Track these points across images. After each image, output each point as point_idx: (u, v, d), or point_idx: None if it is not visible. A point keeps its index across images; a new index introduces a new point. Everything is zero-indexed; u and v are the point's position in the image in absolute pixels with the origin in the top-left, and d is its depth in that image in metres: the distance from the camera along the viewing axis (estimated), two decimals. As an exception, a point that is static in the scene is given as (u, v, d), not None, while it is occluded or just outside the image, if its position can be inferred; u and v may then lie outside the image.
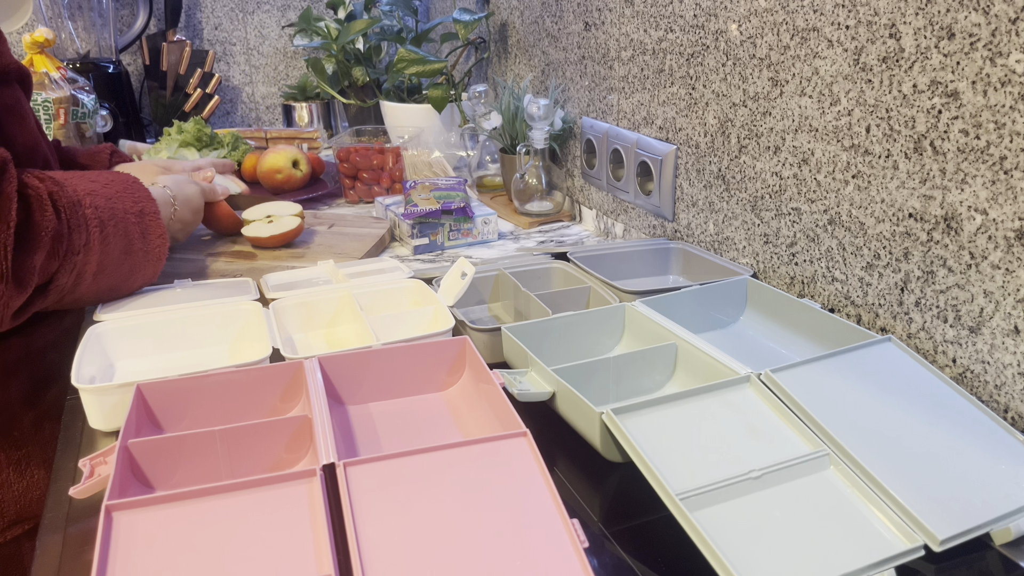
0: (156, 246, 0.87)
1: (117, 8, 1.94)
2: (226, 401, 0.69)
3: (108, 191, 0.83)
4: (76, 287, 0.80)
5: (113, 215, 0.81)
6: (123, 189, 0.85)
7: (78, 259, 0.77)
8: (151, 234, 0.87)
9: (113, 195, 0.83)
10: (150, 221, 0.87)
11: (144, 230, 0.86)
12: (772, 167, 0.89)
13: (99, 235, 0.79)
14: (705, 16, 0.96)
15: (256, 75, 2.12)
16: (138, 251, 0.85)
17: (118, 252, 0.82)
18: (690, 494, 0.54)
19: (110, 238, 0.80)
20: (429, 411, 0.73)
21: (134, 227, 0.84)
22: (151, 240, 0.87)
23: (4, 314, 0.73)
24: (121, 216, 0.83)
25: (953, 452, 0.60)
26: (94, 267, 0.80)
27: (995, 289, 0.66)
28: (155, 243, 0.87)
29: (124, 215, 0.83)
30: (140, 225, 0.85)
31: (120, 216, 0.82)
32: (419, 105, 1.62)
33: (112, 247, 0.81)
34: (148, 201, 0.87)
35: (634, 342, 0.81)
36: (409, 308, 0.91)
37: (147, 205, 0.87)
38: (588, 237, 1.29)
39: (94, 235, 0.79)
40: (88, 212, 0.78)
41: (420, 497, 0.54)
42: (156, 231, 0.87)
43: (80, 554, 0.57)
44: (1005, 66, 0.62)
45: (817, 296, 0.86)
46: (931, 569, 0.54)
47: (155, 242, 0.87)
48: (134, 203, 0.85)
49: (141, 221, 0.85)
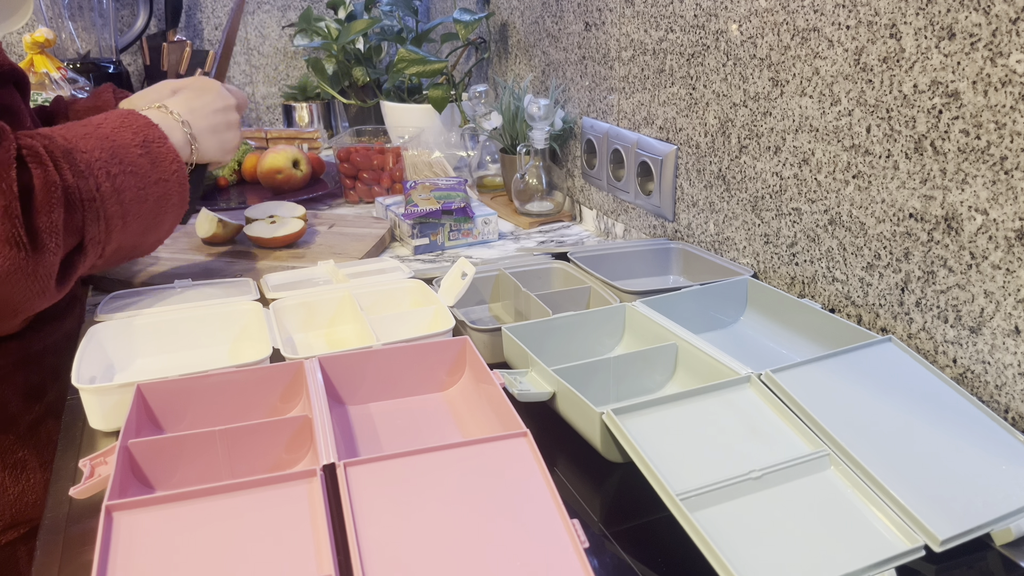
0: (173, 171, 0.82)
1: (117, 8, 1.94)
2: (226, 401, 0.70)
3: (102, 131, 0.78)
4: (109, 236, 0.77)
5: (114, 153, 0.77)
6: (117, 124, 0.80)
7: (97, 205, 0.74)
8: (162, 160, 0.82)
9: (108, 134, 0.78)
10: (157, 148, 0.82)
11: (153, 159, 0.81)
12: (772, 167, 0.89)
13: (106, 175, 0.76)
14: (705, 16, 0.96)
15: (256, 75, 2.12)
16: (154, 182, 0.81)
17: (133, 189, 0.78)
18: (690, 494, 0.54)
19: (119, 177, 0.77)
20: (429, 411, 0.73)
21: (141, 159, 0.80)
22: (164, 166, 0.82)
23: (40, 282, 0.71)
24: (123, 152, 0.78)
25: (954, 452, 0.60)
26: (117, 209, 0.77)
27: (995, 289, 0.66)
28: (170, 168, 0.82)
29: (125, 150, 0.79)
30: (147, 155, 0.80)
31: (122, 153, 0.78)
32: (419, 105, 1.62)
33: (126, 186, 0.77)
34: (149, 128, 0.82)
35: (634, 342, 0.81)
36: (409, 308, 0.91)
37: (149, 132, 0.82)
38: (588, 237, 1.29)
39: (101, 177, 0.75)
40: (86, 156, 0.75)
41: (420, 497, 0.54)
42: (167, 156, 0.82)
43: (80, 554, 0.57)
44: (1006, 66, 0.62)
45: (817, 296, 0.86)
46: (931, 569, 0.54)
47: (170, 168, 0.82)
48: (134, 135, 0.80)
49: (147, 151, 0.81)
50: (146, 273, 1.06)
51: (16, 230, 0.67)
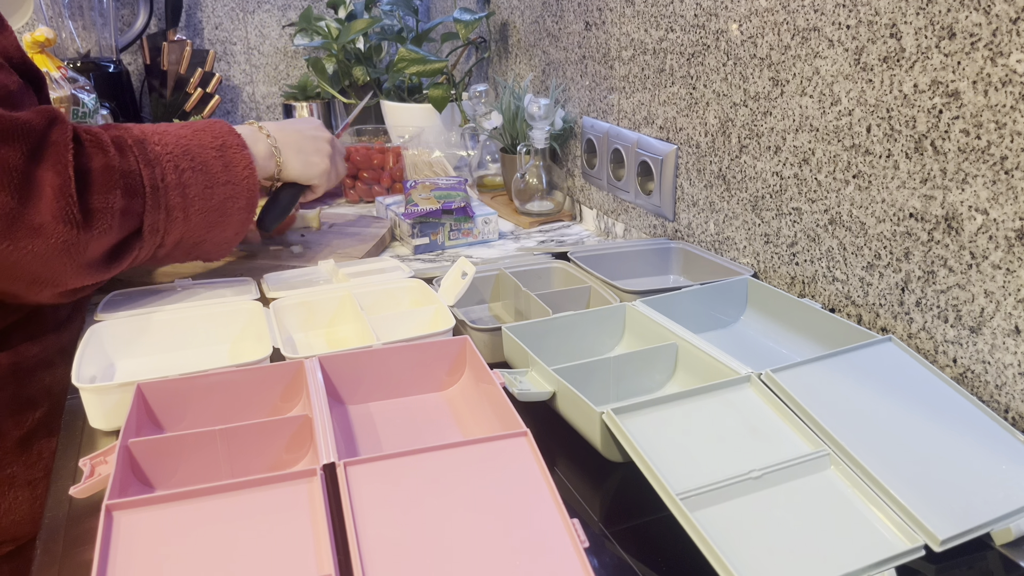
0: (244, 176, 0.85)
1: (118, 7, 1.94)
2: (226, 401, 0.70)
3: (180, 131, 0.83)
4: (170, 227, 0.79)
5: (187, 150, 0.81)
6: (201, 127, 0.85)
7: (160, 195, 0.77)
8: (235, 165, 0.85)
9: (187, 134, 0.83)
10: (233, 153, 0.85)
11: (227, 162, 0.84)
12: (773, 167, 0.89)
13: (174, 169, 0.79)
14: (706, 16, 0.96)
15: (257, 74, 2.12)
16: (223, 183, 0.83)
17: (200, 186, 0.81)
18: (690, 494, 0.54)
19: (187, 172, 0.80)
20: (429, 411, 0.73)
21: (214, 160, 0.83)
22: (235, 171, 0.84)
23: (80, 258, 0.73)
24: (197, 150, 0.82)
25: (954, 452, 0.60)
26: (180, 202, 0.79)
27: (996, 289, 0.66)
28: (241, 174, 0.85)
29: (200, 149, 0.82)
30: (222, 158, 0.84)
31: (195, 151, 0.82)
32: (419, 105, 1.62)
33: (192, 182, 0.80)
34: (230, 135, 0.86)
35: (634, 342, 0.81)
36: (409, 308, 0.91)
37: (228, 139, 0.85)
38: (588, 237, 1.29)
39: (168, 169, 0.78)
40: (157, 148, 0.78)
41: (420, 497, 0.54)
42: (240, 162, 0.85)
43: (80, 554, 0.57)
44: (1006, 66, 0.62)
45: (818, 296, 0.86)
46: (931, 569, 0.54)
47: (241, 173, 0.85)
48: (213, 138, 0.84)
49: (223, 155, 0.84)
50: (147, 273, 1.06)
51: (70, 208, 0.71)
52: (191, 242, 0.84)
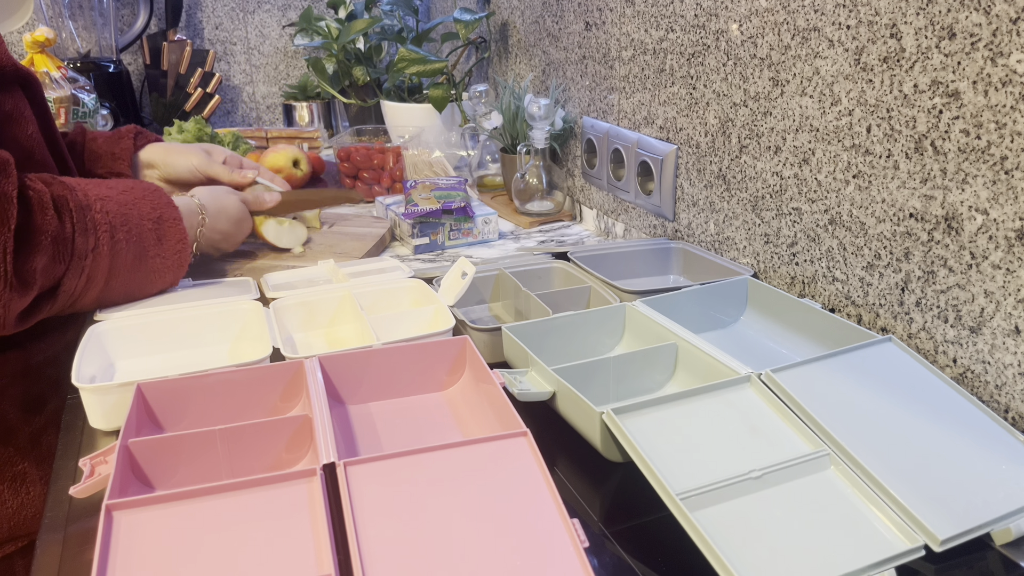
0: (174, 252, 0.86)
1: (118, 7, 1.94)
2: (226, 401, 0.69)
3: (124, 197, 0.82)
4: (86, 291, 0.79)
5: (126, 220, 0.81)
6: (141, 196, 0.84)
7: (86, 263, 0.77)
8: (168, 239, 0.85)
9: (129, 201, 0.82)
10: (168, 227, 0.85)
11: (160, 236, 0.84)
12: (773, 167, 0.89)
13: (108, 239, 0.78)
14: (706, 16, 0.96)
15: (257, 74, 2.12)
16: (153, 257, 0.84)
17: (131, 258, 0.81)
18: (690, 494, 0.54)
19: (121, 243, 0.80)
20: (429, 411, 0.73)
21: (149, 233, 0.83)
22: (168, 246, 0.85)
23: (7, 317, 0.73)
24: (136, 221, 0.82)
25: (953, 452, 0.60)
26: (105, 272, 0.79)
27: (996, 289, 0.66)
28: (173, 248, 0.86)
29: (139, 220, 0.82)
30: (156, 231, 0.84)
31: (134, 221, 0.82)
32: (420, 105, 1.62)
33: (124, 252, 0.80)
34: (168, 208, 0.86)
35: (634, 342, 0.81)
36: (409, 308, 0.91)
37: (166, 211, 0.86)
38: (588, 237, 1.29)
39: (103, 239, 0.78)
40: (97, 216, 0.78)
41: (420, 497, 0.54)
42: (174, 237, 0.86)
43: (80, 554, 0.57)
44: (1006, 66, 0.62)
45: (818, 296, 0.86)
46: (931, 569, 0.54)
47: (173, 247, 0.86)
48: (152, 209, 0.84)
49: (158, 227, 0.84)
50: None
51: (5, 267, 0.70)
52: (102, 301, 0.83)
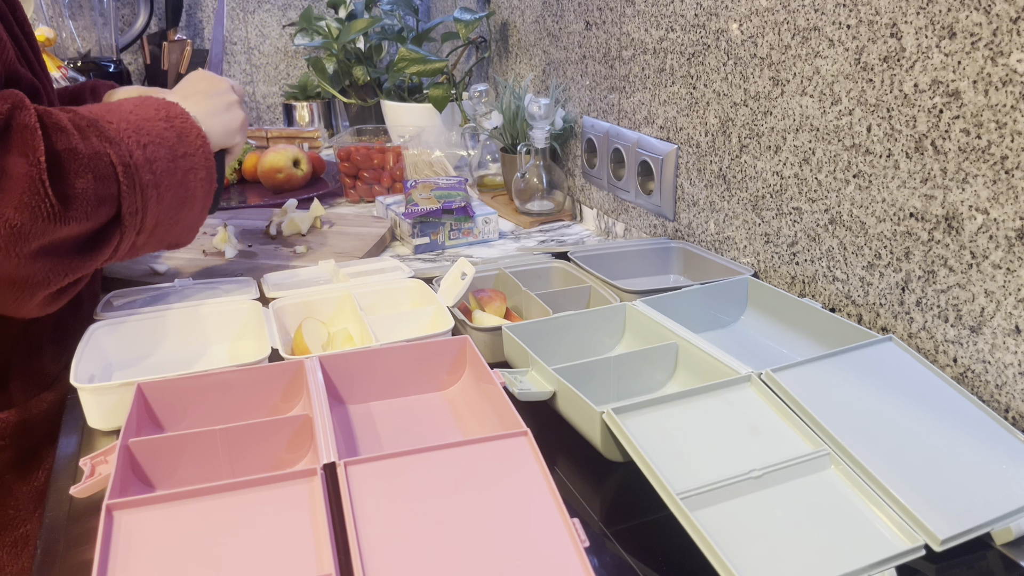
0: (198, 146, 0.80)
1: (118, 7, 1.94)
2: (227, 400, 0.69)
3: (123, 107, 0.77)
4: (146, 206, 0.74)
5: (139, 126, 0.75)
6: (139, 103, 0.79)
7: (133, 175, 0.72)
8: (187, 135, 0.79)
9: (132, 109, 0.77)
10: (181, 123, 0.79)
11: (179, 133, 0.79)
12: (773, 166, 0.89)
13: (137, 144, 0.73)
14: (706, 15, 0.96)
15: (257, 74, 2.12)
16: (181, 155, 0.78)
17: (164, 160, 0.76)
18: (691, 494, 0.54)
19: (149, 147, 0.74)
20: (430, 410, 0.73)
21: (167, 132, 0.78)
22: (189, 141, 0.79)
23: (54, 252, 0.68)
24: (148, 125, 0.76)
25: (954, 452, 0.60)
26: (149, 176, 0.74)
27: (996, 289, 0.66)
28: (195, 143, 0.80)
29: (150, 123, 0.76)
30: (173, 129, 0.78)
31: (147, 125, 0.76)
32: (420, 104, 1.62)
33: (156, 155, 0.75)
34: (170, 105, 0.80)
35: (635, 341, 0.81)
36: (409, 308, 0.91)
37: (171, 109, 0.80)
38: (589, 236, 1.29)
39: (132, 146, 0.73)
40: (112, 127, 0.72)
41: (420, 496, 0.54)
42: (191, 132, 0.80)
43: (80, 553, 0.57)
44: (1006, 65, 0.62)
45: (818, 296, 0.86)
46: (932, 569, 0.54)
47: (195, 143, 0.80)
48: (156, 110, 0.78)
49: (172, 125, 0.78)
50: (146, 273, 1.06)
51: (43, 198, 0.65)
52: (167, 223, 0.79)
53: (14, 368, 0.82)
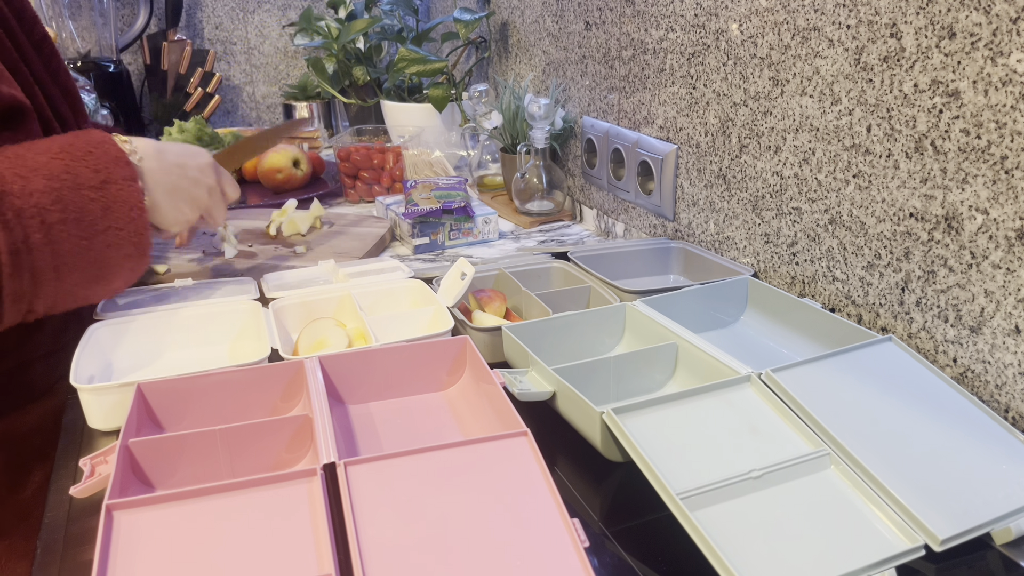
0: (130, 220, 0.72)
1: (118, 7, 1.94)
2: (227, 401, 0.69)
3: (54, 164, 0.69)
4: (38, 289, 0.68)
5: (59, 197, 0.68)
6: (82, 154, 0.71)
7: (21, 258, 0.66)
8: (118, 206, 0.71)
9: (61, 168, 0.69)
10: (117, 191, 0.71)
11: (107, 205, 0.71)
12: (773, 166, 0.89)
13: (39, 225, 0.66)
14: (706, 16, 0.96)
15: (257, 74, 2.12)
16: (102, 231, 0.71)
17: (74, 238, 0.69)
18: (690, 494, 0.54)
19: (56, 226, 0.67)
20: (430, 411, 0.73)
21: (92, 204, 0.70)
22: (118, 214, 0.71)
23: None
24: (71, 195, 0.69)
25: (954, 452, 0.60)
26: (47, 260, 0.67)
27: (996, 289, 0.66)
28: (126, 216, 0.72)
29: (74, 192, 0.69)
30: (101, 200, 0.70)
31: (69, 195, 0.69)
32: (420, 104, 1.62)
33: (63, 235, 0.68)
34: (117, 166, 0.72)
35: (635, 342, 0.81)
36: (409, 308, 0.91)
37: (114, 171, 0.72)
38: (589, 236, 1.29)
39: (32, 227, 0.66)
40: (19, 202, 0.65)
41: (420, 496, 0.54)
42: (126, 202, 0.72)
43: (80, 554, 0.57)
44: (1006, 65, 0.62)
45: (818, 296, 0.86)
46: (931, 569, 0.54)
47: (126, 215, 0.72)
48: (94, 173, 0.71)
49: (103, 194, 0.71)
50: (146, 273, 1.06)
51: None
52: (69, 301, 0.72)
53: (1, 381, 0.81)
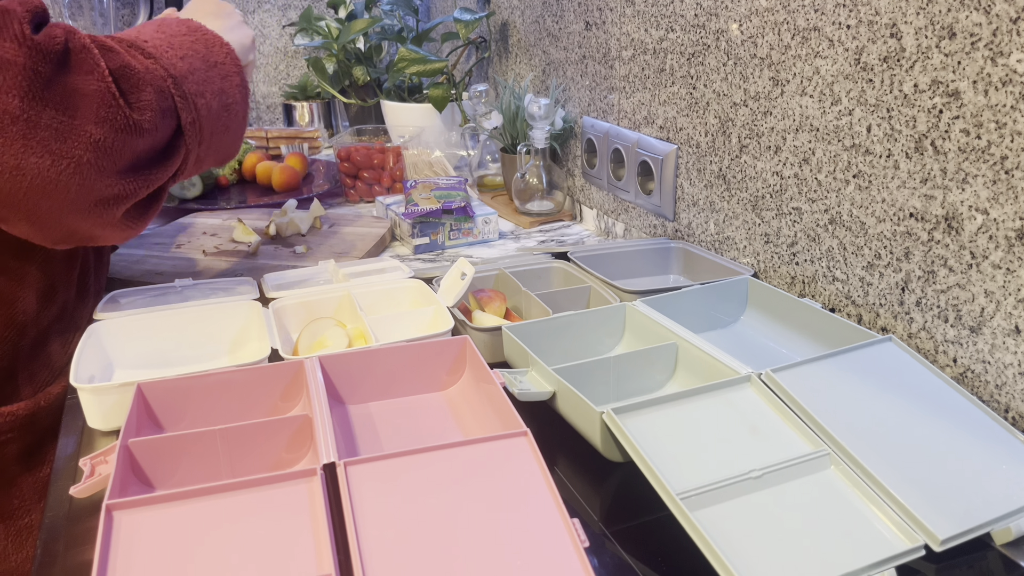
0: (226, 53, 0.81)
1: (118, 7, 1.94)
2: (227, 400, 0.70)
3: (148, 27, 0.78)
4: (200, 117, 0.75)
5: (170, 43, 0.76)
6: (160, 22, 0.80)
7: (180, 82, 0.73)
8: (213, 45, 0.80)
9: (155, 26, 0.78)
10: (203, 34, 0.80)
11: (206, 44, 0.79)
12: (773, 167, 0.89)
13: (176, 57, 0.74)
14: (706, 16, 0.96)
15: (256, 74, 2.12)
16: (212, 64, 0.79)
17: (200, 70, 0.77)
18: (690, 494, 0.54)
19: (186, 59, 0.75)
20: (429, 410, 0.73)
21: (196, 44, 0.78)
22: (216, 51, 0.80)
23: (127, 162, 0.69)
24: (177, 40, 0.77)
25: (954, 452, 0.60)
26: (194, 86, 0.75)
27: (996, 289, 0.66)
28: (222, 51, 0.80)
29: (178, 38, 0.77)
30: (200, 41, 0.79)
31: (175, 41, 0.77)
32: (420, 104, 1.62)
33: (193, 66, 0.76)
34: (187, 21, 0.81)
35: (635, 342, 0.81)
36: (409, 308, 0.91)
37: (190, 23, 0.81)
38: (589, 237, 1.29)
39: (172, 60, 0.74)
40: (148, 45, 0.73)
41: (420, 496, 0.54)
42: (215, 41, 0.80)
43: (80, 553, 0.57)
44: (1006, 65, 0.62)
45: (818, 296, 0.86)
46: (931, 569, 0.54)
47: (221, 51, 0.80)
48: (178, 26, 0.79)
49: (196, 38, 0.79)
50: (146, 272, 1.06)
51: (118, 111, 0.67)
52: (219, 132, 0.79)
53: (21, 361, 0.82)
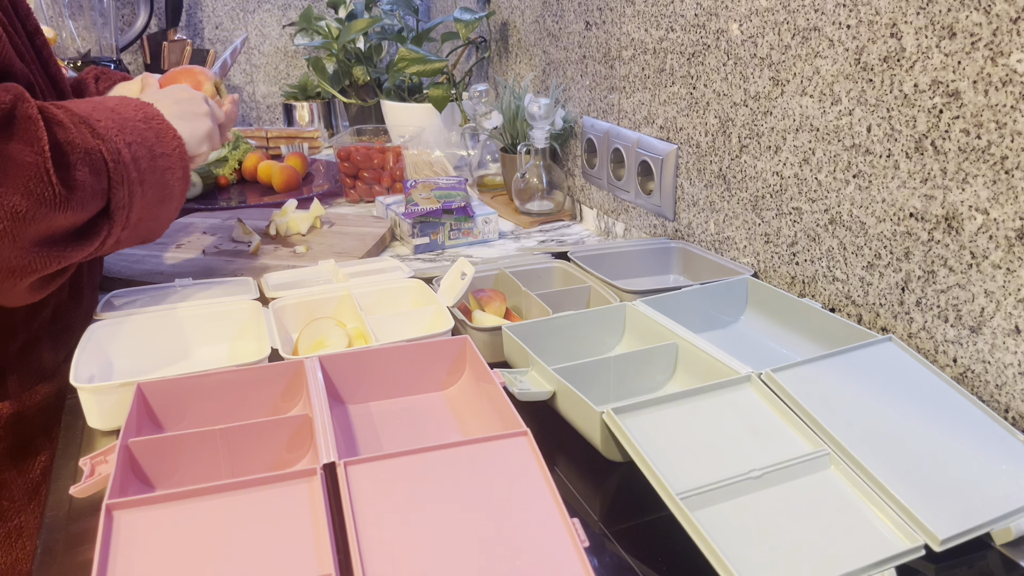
0: (174, 147, 0.82)
1: (118, 7, 1.94)
2: (227, 400, 0.70)
3: (106, 105, 0.78)
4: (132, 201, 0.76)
5: (122, 125, 0.77)
6: (119, 102, 0.80)
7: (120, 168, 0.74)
8: (164, 136, 0.81)
9: (114, 107, 0.78)
10: (158, 124, 0.81)
11: (157, 134, 0.80)
12: (773, 166, 0.89)
13: (123, 143, 0.75)
14: (706, 15, 0.96)
15: (257, 74, 2.12)
16: (159, 155, 0.80)
17: (146, 159, 0.78)
18: (690, 494, 0.54)
19: (132, 145, 0.76)
20: (430, 410, 0.73)
21: (147, 132, 0.79)
22: (166, 142, 0.81)
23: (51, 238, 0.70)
24: (130, 125, 0.78)
25: (954, 452, 0.60)
26: (135, 174, 0.76)
27: (996, 289, 0.66)
28: (171, 144, 0.81)
29: (132, 123, 0.78)
30: (152, 130, 0.80)
31: (129, 125, 0.78)
32: (420, 104, 1.62)
33: (138, 153, 0.77)
34: (147, 106, 0.82)
35: (635, 341, 0.81)
36: (409, 308, 0.91)
37: (147, 110, 0.82)
38: (589, 236, 1.29)
39: (119, 143, 0.74)
40: (100, 124, 0.74)
41: (420, 496, 0.54)
42: (168, 132, 0.82)
43: (80, 553, 0.57)
44: (1006, 65, 0.62)
45: (818, 296, 0.86)
46: (931, 569, 0.54)
47: (171, 143, 0.81)
48: (135, 111, 0.80)
49: (150, 126, 0.80)
50: (146, 272, 1.06)
51: (47, 186, 0.67)
52: (147, 219, 0.80)
53: (11, 360, 0.82)
